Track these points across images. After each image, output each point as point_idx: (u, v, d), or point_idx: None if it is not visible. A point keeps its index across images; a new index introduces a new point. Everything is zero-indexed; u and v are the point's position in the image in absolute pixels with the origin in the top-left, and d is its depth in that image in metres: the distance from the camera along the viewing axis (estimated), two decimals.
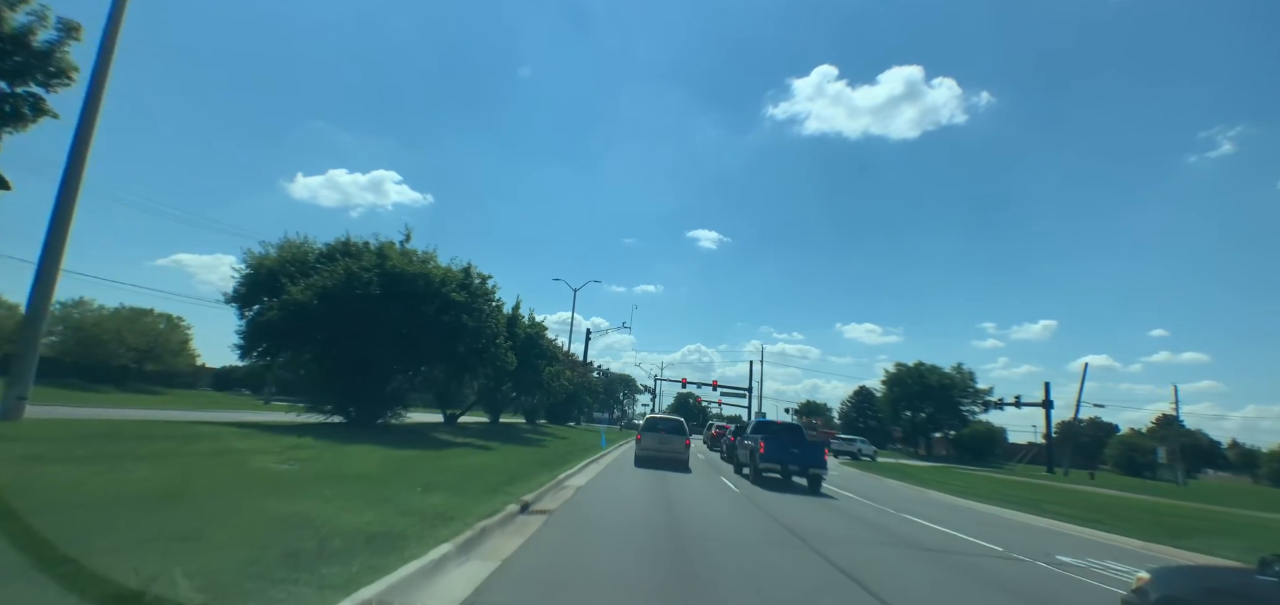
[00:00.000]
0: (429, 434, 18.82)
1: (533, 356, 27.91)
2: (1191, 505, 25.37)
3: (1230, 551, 12.24)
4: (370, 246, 17.57)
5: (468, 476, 10.82)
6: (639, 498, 12.76)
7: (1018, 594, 7.27)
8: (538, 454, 17.94)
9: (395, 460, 11.47)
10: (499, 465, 13.27)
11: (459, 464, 12.34)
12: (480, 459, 13.95)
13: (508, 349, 21.48)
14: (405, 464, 11.26)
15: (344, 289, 15.92)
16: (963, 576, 8.00)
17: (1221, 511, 23.66)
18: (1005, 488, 27.16)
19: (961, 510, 17.57)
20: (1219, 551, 12.38)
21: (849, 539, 10.12)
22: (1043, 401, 56.10)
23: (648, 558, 7.11)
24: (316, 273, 16.16)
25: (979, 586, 7.51)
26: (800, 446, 18.24)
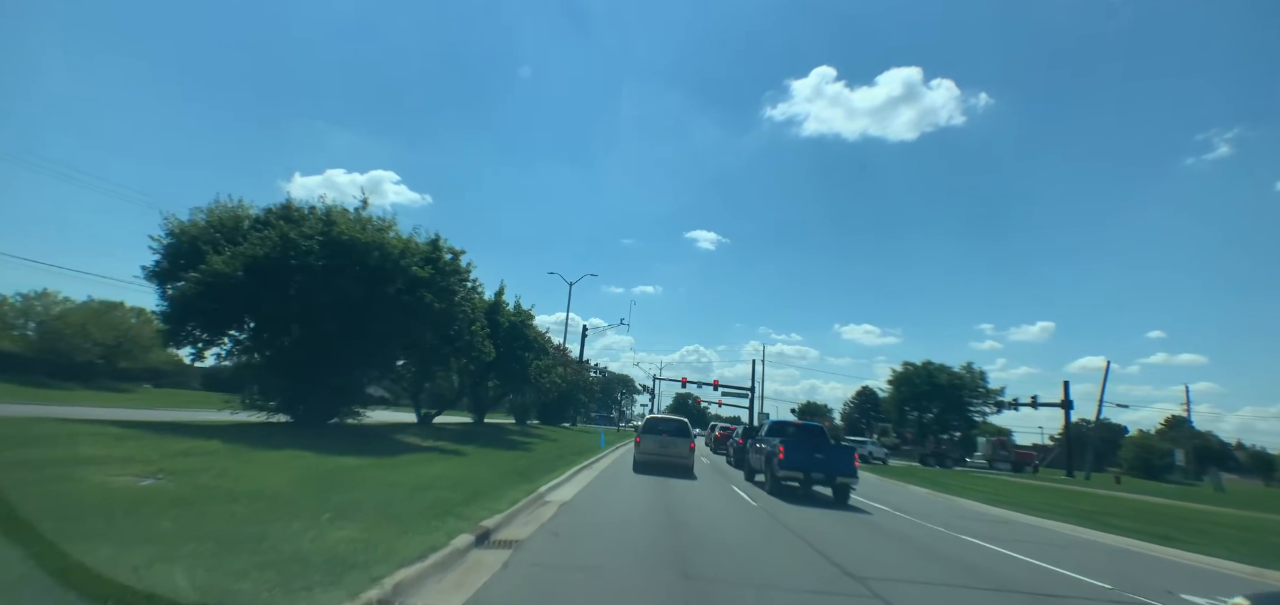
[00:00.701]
0: (392, 436, 16.27)
1: (518, 348, 25.20)
2: (1259, 516, 22.89)
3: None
4: (315, 211, 14.96)
5: (412, 494, 8.25)
6: (637, 516, 10.21)
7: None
8: (519, 460, 15.36)
9: (320, 472, 8.90)
10: (463, 476, 10.69)
11: (408, 476, 9.76)
12: (441, 468, 11.38)
13: (485, 338, 18.79)
14: (332, 477, 8.68)
15: (278, 260, 13.26)
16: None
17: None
18: (1042, 495, 24.63)
19: (1017, 526, 15.05)
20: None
21: (920, 578, 7.59)
22: (1061, 402, 53.64)
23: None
24: (248, 241, 13.43)
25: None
26: (826, 452, 15.70)
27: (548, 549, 7.11)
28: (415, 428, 20.18)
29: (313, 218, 14.24)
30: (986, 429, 76.64)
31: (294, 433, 13.36)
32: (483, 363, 19.74)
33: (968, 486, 26.90)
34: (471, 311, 17.87)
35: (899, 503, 18.12)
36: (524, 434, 27.39)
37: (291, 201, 14.79)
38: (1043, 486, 32.97)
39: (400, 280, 14.33)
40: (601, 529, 8.75)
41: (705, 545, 8.33)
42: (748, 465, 20.06)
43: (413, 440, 16.20)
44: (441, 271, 15.95)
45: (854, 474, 15.48)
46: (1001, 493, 24.32)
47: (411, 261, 15.05)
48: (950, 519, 15.05)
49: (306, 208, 14.69)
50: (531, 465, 14.49)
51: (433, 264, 15.70)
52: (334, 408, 15.60)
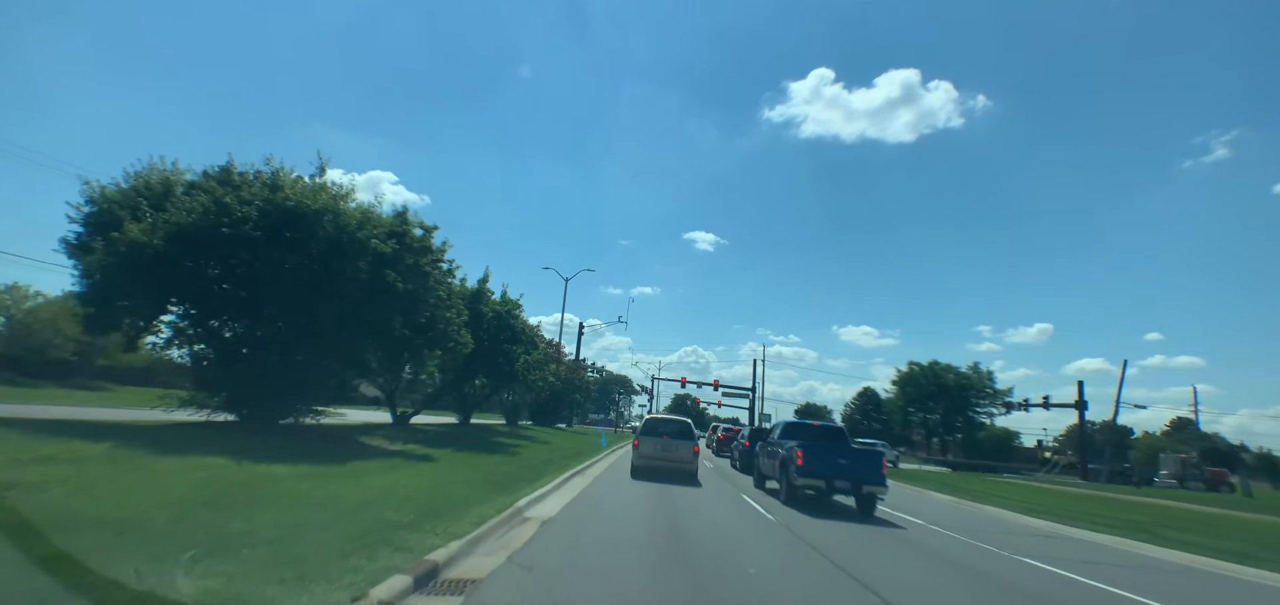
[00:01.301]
0: (356, 439, 14.34)
1: (504, 341, 23.19)
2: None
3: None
4: (262, 175, 12.88)
5: (343, 516, 6.33)
6: (635, 535, 8.32)
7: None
8: (500, 465, 13.43)
9: (226, 485, 6.99)
10: (423, 489, 8.77)
11: (350, 489, 7.83)
12: (400, 478, 9.45)
13: (462, 327, 16.74)
14: (239, 492, 6.76)
15: (210, 229, 11.24)
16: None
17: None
18: (1079, 504, 22.76)
19: (1073, 543, 13.18)
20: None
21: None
22: (1075, 402, 51.83)
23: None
24: (174, 207, 11.35)
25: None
26: (850, 457, 13.80)
27: (514, 591, 5.22)
28: (388, 429, 18.20)
29: (257, 183, 12.16)
30: (994, 431, 74.94)
31: (231, 435, 11.45)
32: (461, 356, 17.70)
33: (993, 492, 25.06)
34: (447, 297, 15.84)
35: (928, 513, 16.23)
36: (513, 436, 25.40)
37: (232, 163, 12.72)
38: (1073, 493, 31.13)
39: (359, 257, 12.32)
40: (590, 556, 6.86)
41: (722, 576, 6.46)
42: (757, 471, 18.17)
43: (379, 443, 14.27)
44: (409, 248, 13.95)
45: (883, 482, 13.59)
46: (1033, 500, 22.47)
47: (372, 234, 13.05)
48: (993, 534, 13.19)
49: (252, 171, 12.62)
50: (513, 472, 12.57)
51: (398, 239, 13.69)
52: (288, 405, 13.61)
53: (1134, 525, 16.29)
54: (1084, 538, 14.08)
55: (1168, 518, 19.37)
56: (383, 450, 13.10)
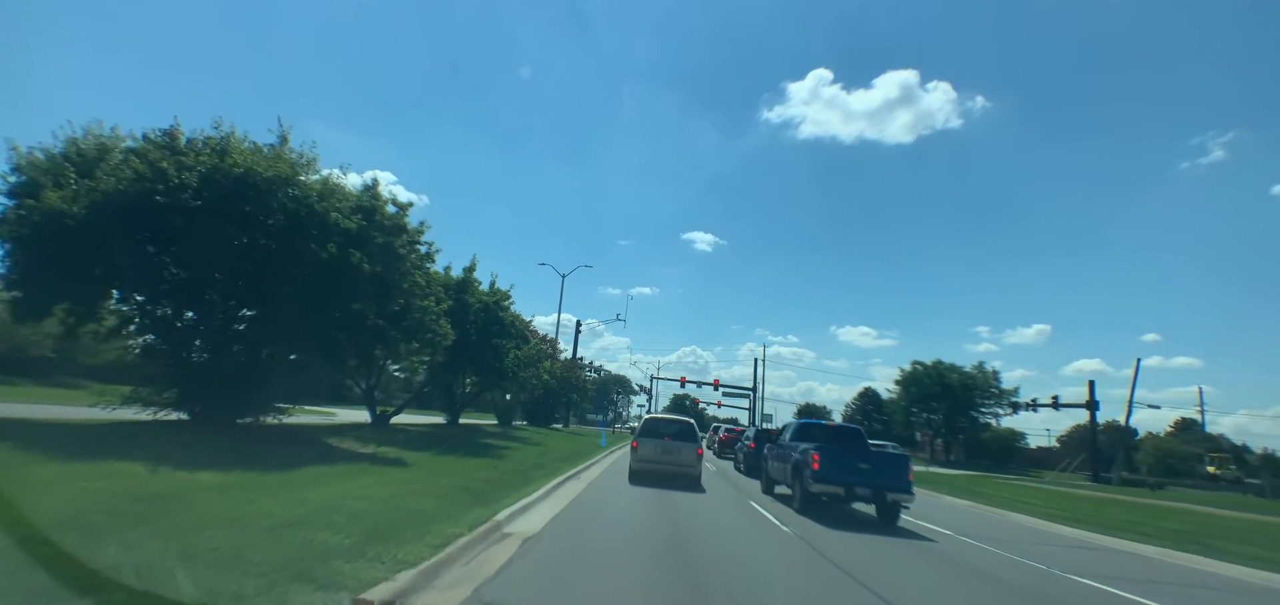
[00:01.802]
0: (320, 440, 12.97)
1: (492, 334, 21.79)
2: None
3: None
4: (212, 140, 11.25)
5: (263, 539, 5.02)
6: (633, 555, 7.01)
7: None
8: (483, 471, 12.10)
9: (133, 496, 5.65)
10: (380, 502, 7.44)
11: (285, 504, 6.49)
12: (351, 489, 8.11)
13: (440, 317, 15.26)
14: (145, 506, 5.43)
15: (143, 198, 9.80)
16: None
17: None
18: (1106, 509, 21.45)
19: (1121, 557, 11.90)
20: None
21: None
22: (1087, 402, 50.58)
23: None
24: (103, 174, 9.86)
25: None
26: (872, 461, 12.50)
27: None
28: (364, 430, 16.82)
29: (207, 152, 10.67)
30: (999, 432, 73.71)
31: (173, 436, 10.11)
32: (443, 350, 16.26)
33: (1012, 497, 23.76)
34: (426, 283, 14.42)
35: (951, 521, 14.93)
36: (503, 437, 24.01)
37: (178, 126, 11.21)
38: (1095, 497, 29.84)
39: (320, 234, 10.94)
40: (578, 583, 5.54)
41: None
42: (765, 475, 16.85)
43: (348, 445, 12.92)
44: (380, 227, 12.53)
45: (909, 489, 12.28)
46: (1057, 506, 21.16)
47: (333, 208, 11.59)
48: (1032, 546, 11.90)
49: (201, 137, 11.16)
50: (496, 479, 11.23)
51: (366, 216, 12.28)
52: (246, 403, 12.19)
53: (1178, 535, 15.00)
54: (1131, 550, 12.80)
55: (1209, 525, 18.08)
56: (349, 454, 11.76)
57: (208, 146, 10.65)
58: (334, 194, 11.56)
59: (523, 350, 24.47)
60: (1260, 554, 12.46)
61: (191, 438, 10.38)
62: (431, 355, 16.09)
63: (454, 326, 20.02)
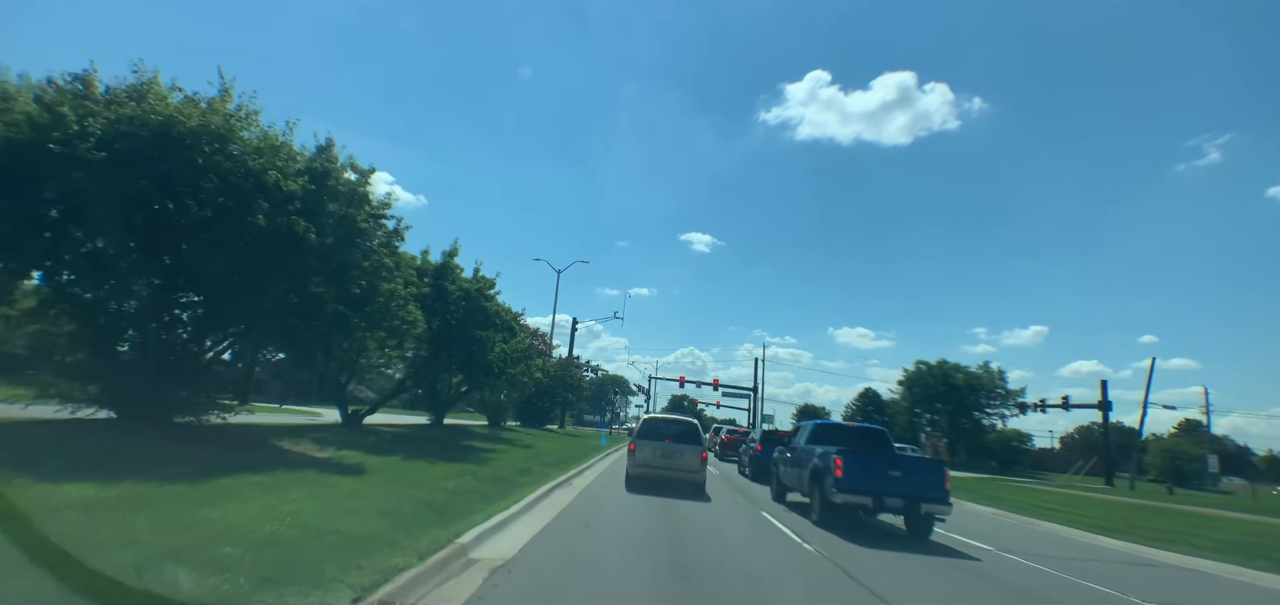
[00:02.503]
0: (270, 442, 11.33)
1: (475, 326, 20.14)
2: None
3: None
4: (136, 88, 9.32)
5: (81, 585, 3.41)
6: (627, 586, 5.48)
7: None
8: (455, 481, 10.54)
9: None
10: (307, 521, 5.89)
11: (164, 529, 4.95)
12: (276, 503, 6.55)
13: (407, 303, 13.50)
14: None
15: (35, 151, 7.93)
16: None
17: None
18: (1142, 516, 19.98)
19: (1192, 577, 10.45)
20: None
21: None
22: (1099, 403, 49.22)
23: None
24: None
25: None
26: (904, 467, 10.99)
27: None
28: (330, 431, 15.16)
29: (128, 102, 8.95)
30: (1004, 433, 72.41)
31: (87, 437, 8.52)
32: (410, 338, 14.56)
33: (1035, 503, 22.31)
34: (393, 263, 12.72)
35: (983, 533, 13.44)
36: (490, 439, 22.36)
37: (94, 70, 9.39)
38: (1119, 502, 28.42)
39: (256, 196, 9.40)
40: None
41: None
42: (776, 481, 15.34)
43: (302, 449, 11.34)
44: (335, 194, 10.85)
45: (946, 500, 10.77)
46: (1087, 513, 19.69)
47: (270, 165, 9.71)
48: (1085, 563, 10.44)
49: (124, 86, 9.43)
50: (471, 488, 9.66)
51: (317, 180, 10.59)
52: (187, 399, 10.55)
53: (1232, 546, 13.52)
54: (1194, 567, 11.34)
55: (1259, 534, 16.60)
56: (299, 459, 10.19)
57: (128, 94, 9.02)
58: (271, 150, 9.86)
59: (510, 344, 22.74)
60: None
61: (108, 440, 8.80)
62: (399, 346, 14.38)
63: (432, 317, 18.40)
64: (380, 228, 12.21)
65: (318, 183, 10.39)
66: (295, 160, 10.33)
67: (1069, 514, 19.01)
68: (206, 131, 9.03)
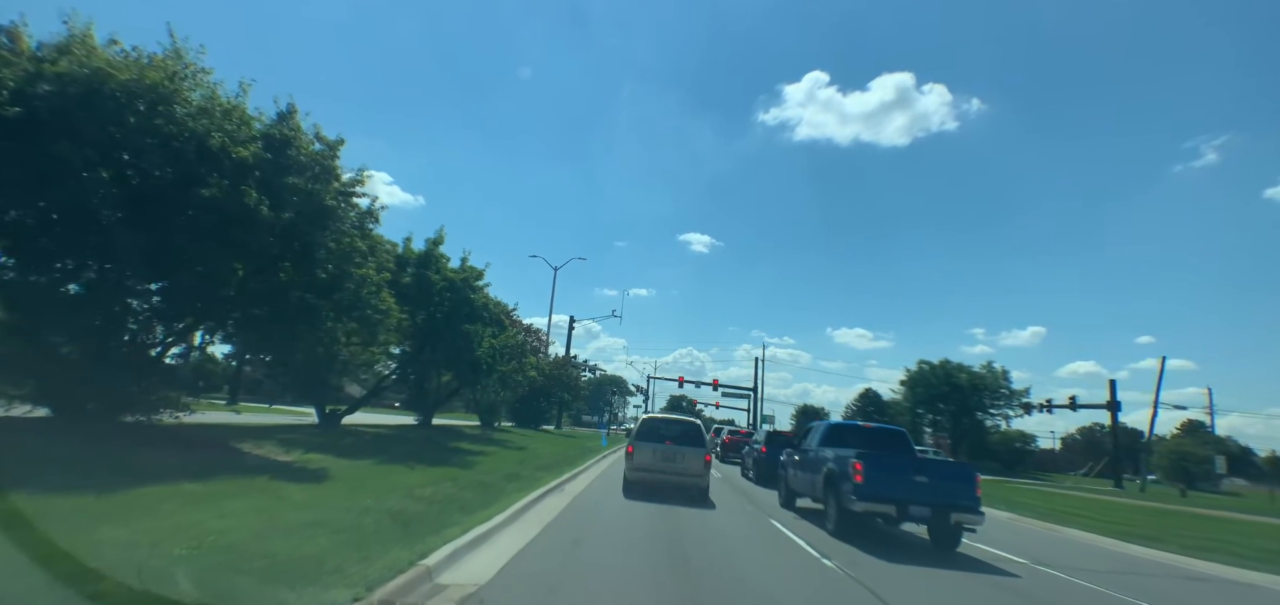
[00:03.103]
0: (228, 444, 10.26)
1: (460, 319, 19.07)
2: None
3: None
4: (65, 43, 8.07)
5: None
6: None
7: None
8: (432, 487, 9.52)
9: None
10: (236, 541, 4.87)
11: (38, 546, 3.87)
12: (205, 517, 5.54)
13: (382, 287, 12.40)
14: None
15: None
16: None
17: None
18: (1174, 523, 19.00)
19: (1249, 593, 9.43)
20: None
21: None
22: (1108, 403, 48.29)
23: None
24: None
25: None
26: (931, 472, 10.00)
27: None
28: (300, 433, 14.07)
29: (59, 58, 7.77)
30: (1008, 434, 71.43)
31: (16, 439, 7.47)
32: (384, 330, 13.40)
33: (1055, 508, 21.33)
34: (367, 247, 11.49)
35: (1013, 543, 12.44)
36: (480, 440, 21.25)
37: (22, 23, 7.94)
38: (1139, 506, 27.47)
39: (202, 166, 8.09)
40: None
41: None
42: (785, 485, 14.32)
43: (264, 452, 10.28)
44: (296, 166, 9.67)
45: (977, 508, 9.76)
46: (1113, 519, 18.72)
47: (216, 129, 8.59)
48: (1132, 579, 9.45)
49: (56, 41, 8.24)
50: (449, 497, 8.63)
51: (275, 149, 9.43)
52: (136, 396, 9.42)
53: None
54: (1249, 581, 10.36)
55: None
56: (258, 463, 9.15)
57: (57, 49, 7.93)
58: (228, 116, 8.73)
59: (499, 339, 21.55)
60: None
61: (37, 441, 7.76)
62: (374, 340, 13.20)
63: (416, 309, 17.26)
64: (351, 207, 11.12)
65: (275, 152, 9.30)
66: (248, 125, 9.23)
67: (1091, 520, 18.05)
68: (143, 89, 7.97)
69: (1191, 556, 12.24)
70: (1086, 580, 8.99)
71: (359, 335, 13.42)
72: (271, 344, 12.02)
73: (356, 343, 17.02)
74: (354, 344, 17.34)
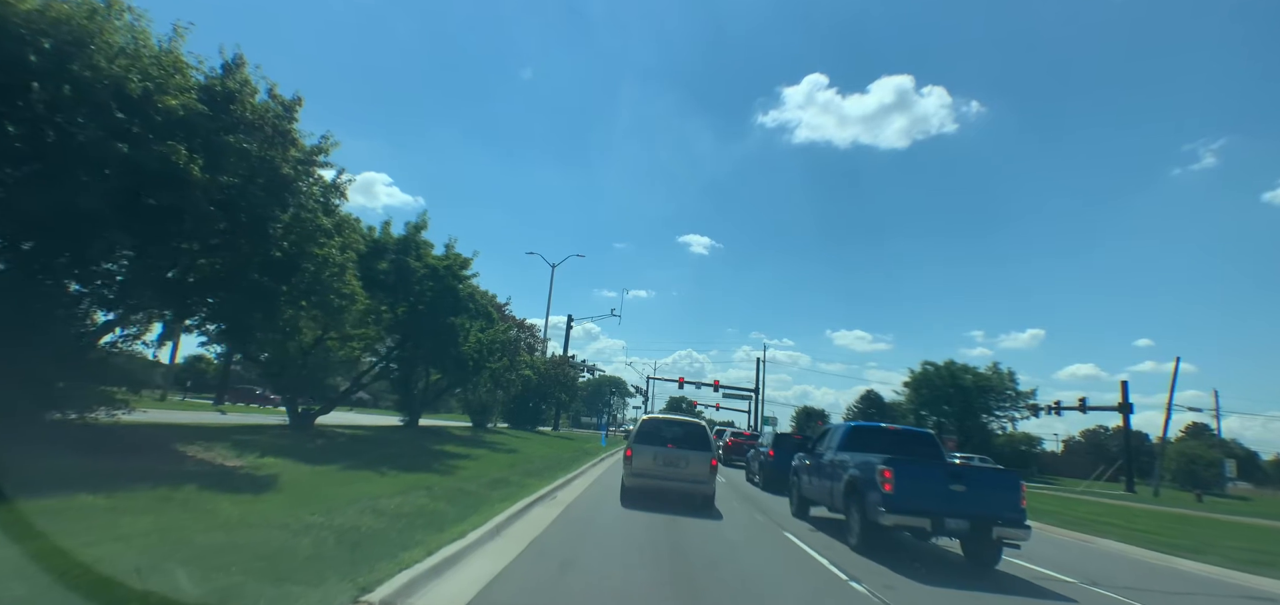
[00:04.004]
0: (170, 447, 9.01)
1: (444, 311, 17.66)
2: None
3: None
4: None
5: None
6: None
7: None
8: (399, 498, 8.38)
9: None
10: (98, 578, 3.65)
11: None
12: (83, 542, 4.35)
13: (339, 272, 10.80)
14: None
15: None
16: None
17: None
18: (1205, 530, 17.86)
19: None
20: None
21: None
22: (1119, 405, 47.21)
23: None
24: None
25: None
26: (969, 480, 8.85)
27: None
28: (266, 434, 12.88)
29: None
30: (1013, 437, 70.36)
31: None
32: (347, 317, 12.02)
33: (1081, 516, 20.20)
34: (332, 224, 9.99)
35: (1052, 557, 11.33)
36: (469, 443, 19.99)
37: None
38: (1163, 512, 26.33)
39: (122, 116, 6.88)
40: None
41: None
42: (796, 492, 13.18)
43: (211, 457, 9.13)
44: (244, 124, 8.36)
45: (1022, 521, 8.64)
46: (1148, 528, 17.55)
47: (132, 71, 7.22)
48: (1200, 603, 8.29)
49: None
50: (418, 511, 7.48)
51: (216, 104, 8.09)
52: (60, 389, 8.14)
53: None
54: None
55: None
56: (197, 469, 8.01)
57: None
58: (159, 62, 7.35)
59: (487, 333, 20.21)
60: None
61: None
62: (332, 325, 11.81)
63: (396, 300, 15.99)
64: (314, 179, 9.88)
65: (216, 107, 8.09)
66: (183, 74, 8.01)
67: (1121, 528, 16.93)
68: (47, 22, 6.78)
69: (1247, 572, 11.10)
70: (1143, 603, 7.89)
71: (323, 324, 12.13)
72: (228, 334, 10.79)
73: (335, 338, 15.83)
74: (333, 339, 16.17)
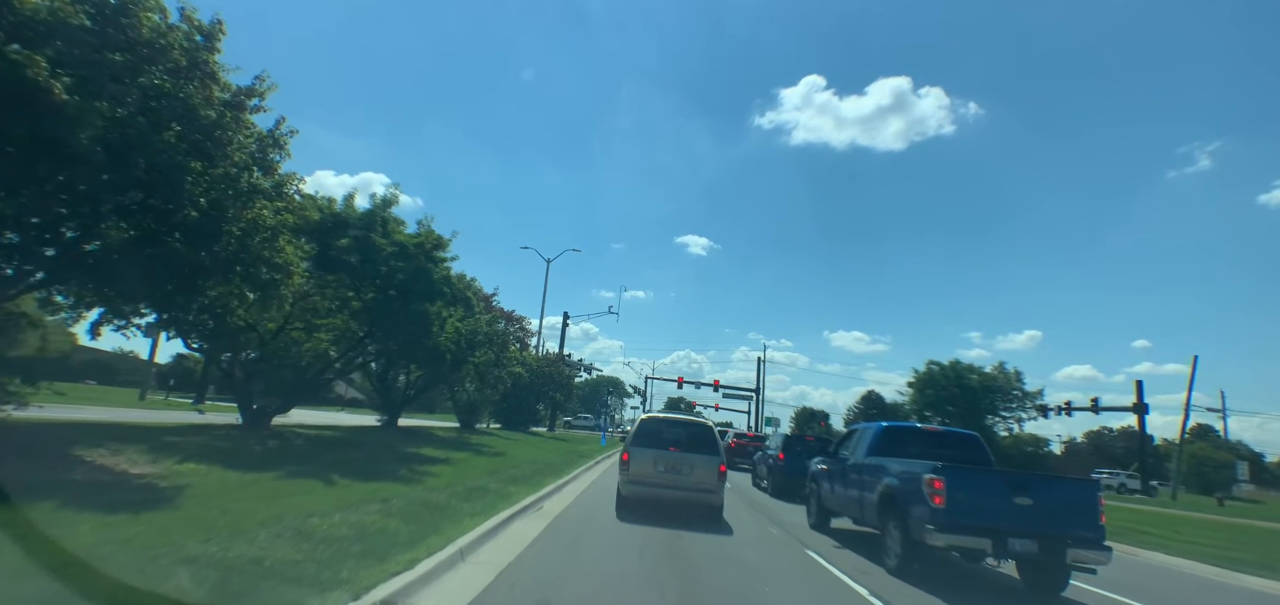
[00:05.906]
0: (70, 447, 7.50)
1: (417, 296, 15.64)
2: None
3: None
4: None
5: None
6: None
7: None
8: (351, 512, 6.96)
9: None
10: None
11: None
12: None
13: (279, 233, 9.20)
14: None
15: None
16: None
17: None
18: (1253, 538, 16.46)
19: None
20: None
21: None
22: (1134, 405, 45.84)
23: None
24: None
25: None
26: (1037, 492, 7.37)
27: None
28: (207, 434, 11.36)
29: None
30: (1020, 439, 69.09)
31: None
32: (282, 292, 10.17)
33: (1116, 525, 18.71)
34: (270, 185, 8.29)
35: (1120, 581, 9.86)
36: (450, 445, 18.41)
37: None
38: (1198, 519, 24.94)
39: None
40: None
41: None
42: (817, 502, 11.70)
43: (114, 462, 7.59)
44: (137, 43, 6.74)
45: (1102, 540, 7.19)
46: (1186, 536, 16.15)
47: None
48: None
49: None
50: (366, 530, 6.00)
51: (103, 16, 6.42)
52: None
53: None
54: None
55: None
56: (84, 477, 6.52)
57: None
58: None
59: (467, 323, 18.50)
60: None
61: None
62: (262, 300, 10.00)
63: (362, 284, 14.34)
64: (243, 125, 8.27)
65: (102, 22, 6.50)
66: None
67: (1166, 538, 15.56)
68: None
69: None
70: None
71: (262, 304, 10.48)
72: (160, 321, 9.24)
73: (299, 328, 14.27)
74: (297, 329, 14.61)
